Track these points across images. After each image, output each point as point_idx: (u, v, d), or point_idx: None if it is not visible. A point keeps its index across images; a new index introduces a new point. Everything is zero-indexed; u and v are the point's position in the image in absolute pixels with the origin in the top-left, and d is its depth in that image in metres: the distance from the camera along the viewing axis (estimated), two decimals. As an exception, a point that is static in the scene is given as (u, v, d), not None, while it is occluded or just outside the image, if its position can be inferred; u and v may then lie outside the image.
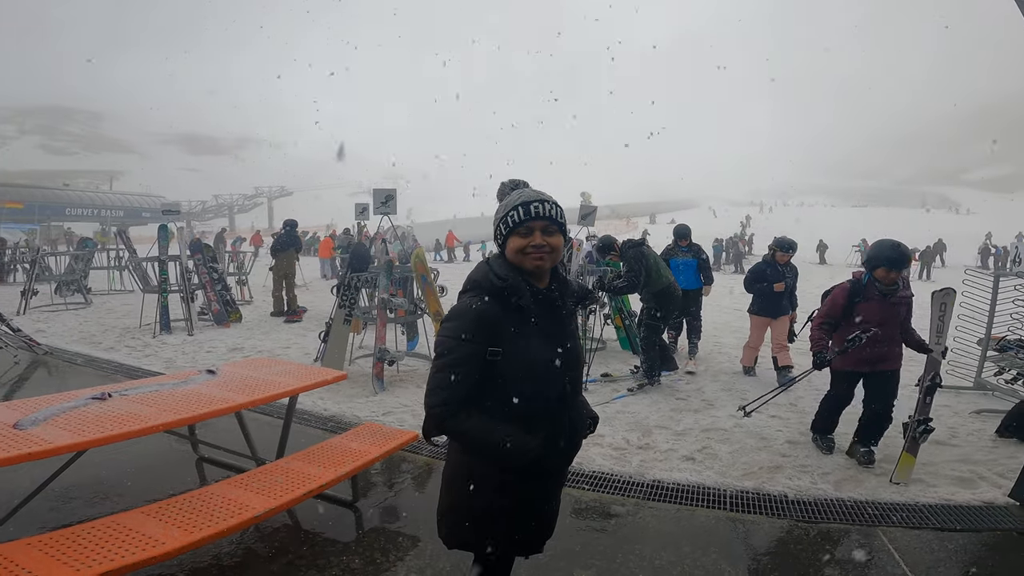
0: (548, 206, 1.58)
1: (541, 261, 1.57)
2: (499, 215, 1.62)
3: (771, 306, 6.13)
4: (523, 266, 1.58)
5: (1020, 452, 3.95)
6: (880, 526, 3.00)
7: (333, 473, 2.73)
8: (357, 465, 2.86)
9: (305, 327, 9.14)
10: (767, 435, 4.43)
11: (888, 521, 3.05)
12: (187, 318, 8.58)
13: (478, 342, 1.50)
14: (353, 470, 2.83)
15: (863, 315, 3.82)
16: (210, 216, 54.68)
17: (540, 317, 1.58)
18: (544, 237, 1.57)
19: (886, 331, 3.80)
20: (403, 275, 6.40)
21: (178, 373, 3.57)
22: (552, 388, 1.61)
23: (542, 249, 1.57)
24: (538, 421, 1.58)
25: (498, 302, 1.54)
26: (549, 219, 1.58)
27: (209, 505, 2.36)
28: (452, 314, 1.57)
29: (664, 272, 5.82)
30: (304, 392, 3.43)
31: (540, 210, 1.57)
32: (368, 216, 9.70)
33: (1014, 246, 5.57)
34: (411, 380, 5.95)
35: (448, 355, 1.52)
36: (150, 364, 6.61)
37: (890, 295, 3.83)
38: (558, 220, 1.60)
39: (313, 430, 4.47)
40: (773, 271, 6.07)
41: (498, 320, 1.52)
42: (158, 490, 3.37)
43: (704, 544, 2.83)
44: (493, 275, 1.56)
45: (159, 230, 9.12)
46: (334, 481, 2.72)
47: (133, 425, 2.51)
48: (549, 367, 1.58)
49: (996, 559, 2.72)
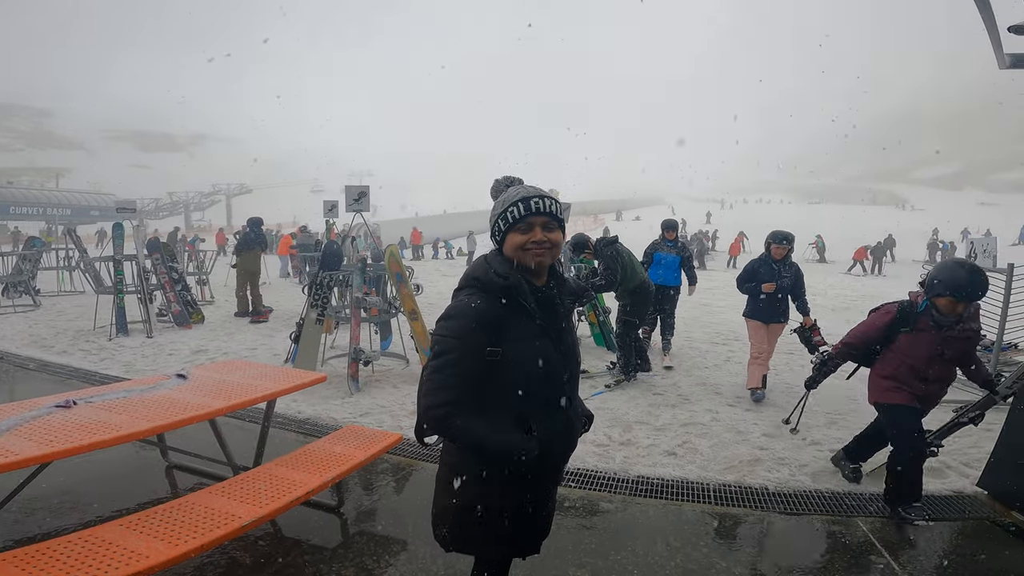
0: (548, 202, 1.57)
1: (542, 257, 1.55)
2: (497, 211, 1.59)
3: (764, 309, 5.31)
4: (523, 262, 1.56)
5: (982, 442, 4.13)
6: (859, 517, 3.10)
7: (319, 479, 2.64)
8: (343, 470, 2.77)
9: (272, 327, 8.89)
10: (743, 429, 4.52)
11: (866, 512, 3.15)
12: (145, 320, 8.24)
13: (478, 341, 1.47)
14: (339, 475, 2.75)
15: (905, 349, 3.15)
16: (164, 214, 52.74)
17: (540, 315, 1.56)
18: (544, 233, 1.55)
19: (937, 371, 3.14)
20: (377, 274, 6.28)
21: (146, 378, 3.39)
22: (551, 387, 1.59)
23: (543, 245, 1.55)
24: (537, 420, 1.56)
25: (498, 300, 1.51)
26: (549, 215, 1.56)
27: (192, 515, 2.25)
28: (451, 312, 1.53)
29: (638, 270, 5.87)
30: (283, 396, 3.31)
31: (540, 206, 1.55)
32: (337, 214, 9.55)
33: (970, 243, 5.83)
34: (387, 380, 5.85)
35: (447, 354, 1.48)
36: (108, 368, 6.33)
37: (947, 327, 3.05)
38: (558, 216, 1.59)
39: (288, 433, 4.35)
40: (767, 269, 5.30)
41: (498, 318, 1.50)
42: (128, 499, 3.24)
43: (693, 538, 2.87)
44: (494, 273, 1.53)
45: (114, 228, 8.73)
46: (321, 487, 2.63)
47: (104, 434, 2.37)
48: (549, 366, 1.56)
49: (972, 548, 2.83)
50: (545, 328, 1.57)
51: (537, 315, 1.55)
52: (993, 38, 3.70)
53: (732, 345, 7.86)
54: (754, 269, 5.36)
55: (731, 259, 26.68)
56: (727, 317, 10.73)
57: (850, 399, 5.32)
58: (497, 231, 1.59)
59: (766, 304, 5.28)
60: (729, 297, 14.42)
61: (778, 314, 5.33)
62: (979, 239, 5.73)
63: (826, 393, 5.44)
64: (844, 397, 5.34)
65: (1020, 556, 2.70)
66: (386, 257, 6.04)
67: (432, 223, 36.79)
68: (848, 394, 5.48)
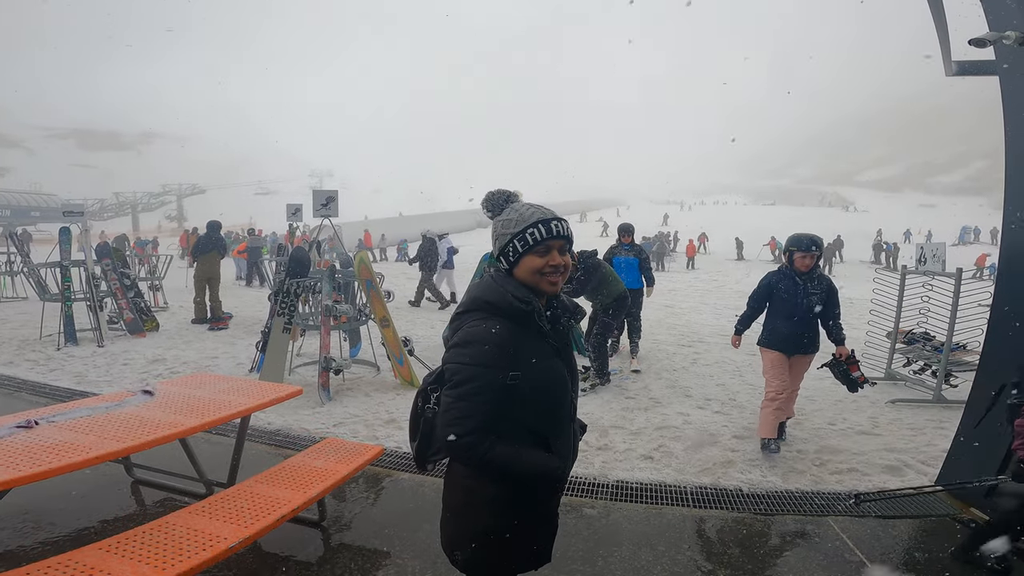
0: (566, 225, 1.57)
1: (557, 283, 1.55)
2: (511, 231, 1.55)
3: (786, 337, 4.07)
4: (539, 286, 1.55)
5: (937, 440, 4.36)
6: (829, 516, 3.22)
7: (303, 496, 2.57)
8: (327, 485, 2.71)
9: (233, 335, 8.62)
10: (714, 431, 4.64)
11: (835, 511, 3.28)
12: (95, 328, 7.87)
13: (499, 367, 1.45)
14: (323, 491, 2.69)
15: None
16: (110, 215, 50.44)
17: (551, 336, 1.57)
18: (561, 257, 1.55)
19: None
20: (346, 280, 6.17)
21: (110, 395, 3.24)
22: (564, 404, 1.61)
23: (559, 270, 1.54)
24: (556, 437, 1.57)
25: (513, 323, 1.50)
26: (566, 239, 1.57)
27: (175, 537, 2.16)
28: (467, 338, 1.49)
29: (618, 283, 6.09)
30: (258, 411, 3.22)
31: (560, 229, 1.55)
32: (300, 217, 9.34)
33: (919, 247, 6.13)
34: (358, 388, 5.75)
35: (469, 383, 1.45)
36: (57, 380, 6.01)
37: None
38: (571, 239, 1.60)
39: (259, 446, 4.23)
40: (788, 285, 4.06)
41: (517, 343, 1.48)
42: (94, 518, 3.11)
43: (677, 541, 2.93)
44: (514, 298, 1.50)
45: (60, 233, 8.30)
46: (305, 504, 2.57)
47: (73, 456, 2.25)
48: (562, 384, 1.58)
49: (936, 543, 2.97)
50: (556, 348, 1.58)
51: (550, 336, 1.56)
52: (944, 46, 3.91)
53: (697, 347, 8.05)
54: (771, 285, 4.15)
55: (689, 260, 27.29)
56: (691, 319, 10.99)
57: (809, 399, 5.52)
58: (512, 252, 1.55)
59: (789, 330, 4.05)
60: (691, 298, 14.80)
61: (805, 343, 4.07)
62: (928, 244, 6.04)
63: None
64: (804, 398, 5.54)
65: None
66: (356, 264, 5.94)
67: (386, 226, 36.30)
68: (807, 394, 5.69)
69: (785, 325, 4.05)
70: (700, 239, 31.45)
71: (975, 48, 3.18)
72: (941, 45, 3.95)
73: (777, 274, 4.19)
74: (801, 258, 4.01)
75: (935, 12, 3.86)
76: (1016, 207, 3.21)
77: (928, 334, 5.98)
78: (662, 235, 33.24)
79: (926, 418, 5.01)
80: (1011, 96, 3.26)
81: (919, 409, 5.28)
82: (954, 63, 3.96)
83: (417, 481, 3.62)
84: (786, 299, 4.05)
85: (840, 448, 4.28)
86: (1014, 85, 3.24)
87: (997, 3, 3.17)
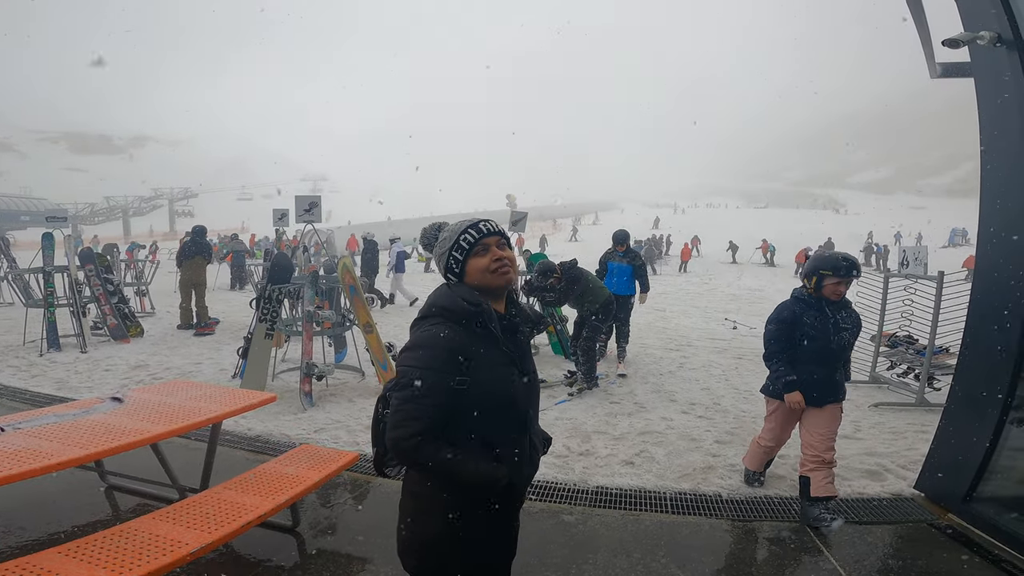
0: (494, 224, 1.61)
1: (508, 274, 1.56)
2: (446, 247, 1.58)
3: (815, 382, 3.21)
4: (495, 283, 1.55)
5: (918, 444, 4.35)
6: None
7: (272, 502, 2.55)
8: (296, 492, 2.69)
9: (219, 340, 8.56)
10: (696, 436, 4.62)
11: (813, 515, 3.26)
12: (78, 334, 7.80)
13: (447, 372, 1.44)
14: (292, 498, 2.66)
15: None
16: (101, 219, 50.14)
17: (505, 343, 1.56)
18: (500, 251, 1.57)
19: None
20: (329, 286, 6.13)
21: (79, 401, 3.20)
22: (516, 413, 1.59)
23: (504, 262, 1.56)
24: (503, 447, 1.55)
25: (465, 329, 1.49)
26: (500, 234, 1.59)
27: (135, 542, 2.14)
28: (417, 342, 1.49)
29: (603, 290, 6.10)
30: (233, 417, 3.18)
31: (490, 227, 1.59)
32: (287, 222, 9.27)
33: (902, 250, 6.15)
34: (342, 394, 5.71)
35: (414, 385, 1.44)
36: (39, 386, 5.96)
37: None
38: (504, 235, 1.62)
39: (238, 452, 4.19)
40: (815, 317, 3.19)
41: (465, 347, 1.47)
42: (64, 523, 3.07)
43: (652, 548, 2.91)
44: (463, 301, 1.50)
45: (43, 238, 8.23)
46: (273, 511, 2.54)
47: (34, 462, 2.23)
48: (514, 392, 1.56)
49: (913, 549, 2.96)
50: (511, 356, 1.56)
51: (503, 342, 1.54)
52: (927, 49, 3.90)
53: (685, 351, 8.05)
54: (795, 317, 3.24)
55: (682, 264, 27.37)
56: (679, 323, 11.01)
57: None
58: (454, 263, 1.57)
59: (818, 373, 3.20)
60: (681, 302, 14.83)
61: (835, 388, 3.26)
62: (911, 247, 6.06)
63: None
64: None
65: (956, 559, 2.84)
66: (339, 269, 5.90)
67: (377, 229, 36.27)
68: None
69: (815, 369, 3.21)
70: (693, 242, 31.50)
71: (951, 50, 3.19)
72: (924, 48, 3.93)
73: (800, 304, 3.26)
74: (835, 285, 3.16)
75: (916, 15, 3.85)
76: (991, 211, 3.21)
77: (911, 337, 5.99)
78: (653, 239, 33.29)
79: (908, 422, 5.01)
80: (985, 97, 3.24)
81: (902, 412, 5.29)
82: (938, 65, 3.94)
83: (395, 488, 3.55)
84: (814, 335, 3.18)
85: (821, 452, 4.26)
86: (988, 86, 3.22)
87: (972, 3, 3.16)
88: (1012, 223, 3.03)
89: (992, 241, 3.19)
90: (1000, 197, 3.13)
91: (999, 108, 3.11)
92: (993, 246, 3.19)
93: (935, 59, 3.96)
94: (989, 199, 3.21)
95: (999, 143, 3.16)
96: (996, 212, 3.16)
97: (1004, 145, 3.11)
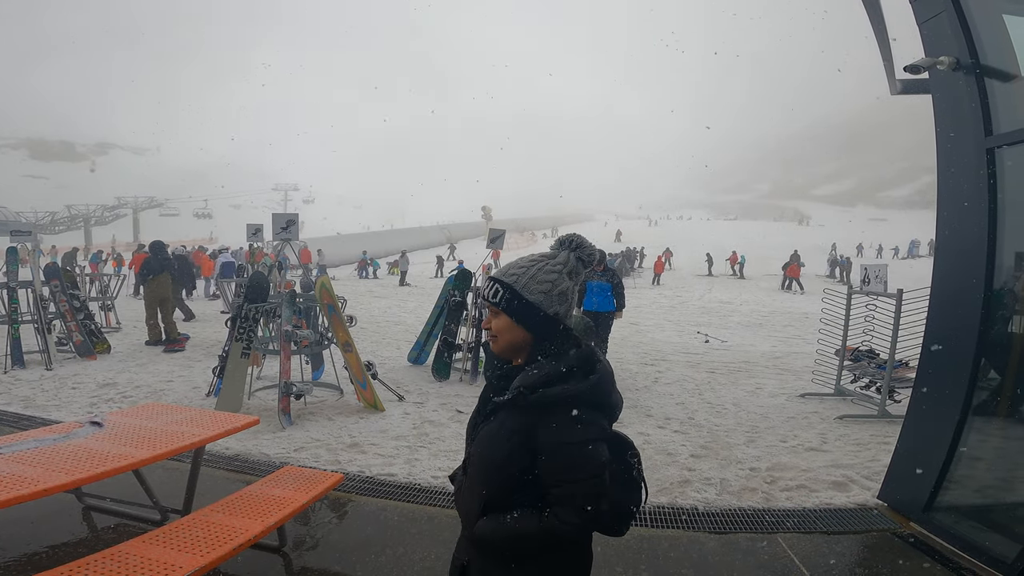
0: (489, 286, 1.46)
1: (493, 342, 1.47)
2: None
3: None
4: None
5: (880, 455, 4.55)
6: (779, 533, 3.33)
7: (261, 524, 2.56)
8: (285, 514, 2.70)
9: (189, 357, 8.41)
10: (672, 450, 4.75)
11: (784, 527, 3.40)
12: (43, 351, 7.59)
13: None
14: (281, 519, 2.68)
15: None
16: (61, 228, 48.59)
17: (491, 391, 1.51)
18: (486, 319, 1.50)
19: None
20: (307, 305, 6.11)
21: (57, 426, 3.16)
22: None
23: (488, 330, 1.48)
24: None
25: None
26: (487, 300, 1.47)
27: (128, 566, 2.14)
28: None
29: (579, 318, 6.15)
30: (222, 440, 3.18)
31: (483, 292, 1.51)
32: (261, 237, 9.21)
33: (863, 268, 6.43)
34: (320, 412, 5.68)
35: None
36: (5, 404, 5.81)
37: None
38: (500, 302, 1.43)
39: (217, 471, 4.14)
40: None
41: None
42: (44, 543, 3.03)
43: (634, 563, 2.99)
44: None
45: (8, 253, 8.01)
46: (263, 533, 2.56)
47: (21, 489, 2.22)
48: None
49: (876, 558, 3.11)
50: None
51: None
52: (888, 66, 4.08)
53: (660, 365, 8.23)
54: None
55: (655, 276, 27.80)
56: (654, 336, 11.23)
57: (763, 416, 5.72)
58: None
59: None
60: (655, 315, 15.10)
61: None
62: (871, 265, 6.33)
63: (743, 416, 5.83)
64: (759, 415, 5.74)
65: (918, 567, 3.00)
66: (317, 288, 5.90)
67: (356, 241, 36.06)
68: (762, 412, 5.90)
69: None
70: (666, 255, 32.07)
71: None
72: (884, 64, 4.06)
73: None
74: None
75: (877, 32, 4.00)
76: (947, 230, 3.41)
77: (873, 351, 6.25)
78: (627, 252, 33.74)
79: (871, 433, 5.23)
80: (943, 119, 3.40)
81: (865, 424, 5.52)
82: (898, 82, 4.08)
83: (379, 506, 3.61)
84: None
85: (790, 465, 4.44)
86: (946, 110, 3.38)
87: (934, 28, 3.32)
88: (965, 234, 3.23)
89: (947, 253, 3.39)
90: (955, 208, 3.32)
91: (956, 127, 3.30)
92: (948, 258, 3.39)
93: (896, 76, 4.13)
94: (946, 211, 3.40)
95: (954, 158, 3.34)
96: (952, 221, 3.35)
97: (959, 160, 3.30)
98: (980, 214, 3.15)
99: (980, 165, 3.15)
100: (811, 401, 6.33)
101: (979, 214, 3.15)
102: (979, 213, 3.15)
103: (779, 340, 11.61)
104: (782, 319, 15.25)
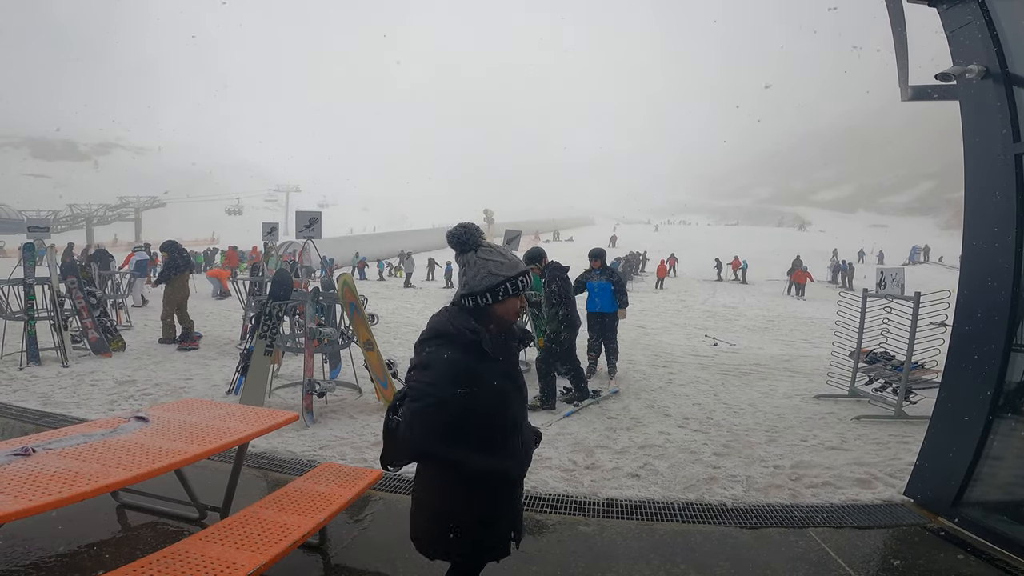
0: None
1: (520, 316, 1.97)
2: (507, 273, 1.86)
3: None
4: (510, 319, 1.90)
5: (901, 454, 4.62)
6: (810, 527, 3.39)
7: (311, 521, 2.60)
8: (333, 510, 2.74)
9: (204, 355, 8.45)
10: (695, 449, 4.80)
11: (814, 522, 3.46)
12: (59, 347, 7.63)
13: (452, 386, 1.72)
14: (330, 515, 2.72)
15: None
16: (64, 227, 48.57)
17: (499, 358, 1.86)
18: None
19: None
20: (328, 303, 6.16)
21: (102, 420, 3.18)
22: (511, 416, 1.91)
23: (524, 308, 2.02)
24: (502, 446, 1.88)
25: (465, 350, 1.77)
26: None
27: (190, 565, 2.17)
28: (425, 363, 1.76)
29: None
30: (258, 437, 3.22)
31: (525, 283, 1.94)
32: (277, 237, 9.26)
33: (879, 271, 6.50)
34: (342, 411, 5.73)
35: (426, 398, 1.71)
36: (23, 400, 5.83)
37: None
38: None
39: (247, 469, 4.15)
40: None
41: (467, 366, 1.75)
42: (83, 542, 3.05)
43: (670, 556, 3.05)
44: (465, 329, 1.79)
45: (25, 249, 8.06)
46: (314, 529, 2.59)
47: (83, 485, 2.22)
48: (508, 400, 1.89)
49: (910, 551, 3.17)
50: (504, 369, 1.88)
51: (497, 359, 1.84)
52: (902, 73, 4.16)
53: (671, 367, 8.29)
54: None
55: (659, 281, 27.87)
56: (662, 339, 11.30)
57: (780, 416, 5.78)
58: (503, 292, 1.85)
59: None
60: (661, 319, 15.17)
61: None
62: (888, 269, 6.40)
63: (760, 416, 5.89)
64: (776, 416, 5.80)
65: (952, 558, 3.06)
66: (340, 287, 5.95)
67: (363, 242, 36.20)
68: (778, 412, 5.96)
69: None
70: (670, 261, 32.15)
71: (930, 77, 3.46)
72: (900, 71, 4.14)
73: None
74: None
75: (897, 39, 4.08)
76: (974, 234, 3.48)
77: (888, 354, 6.32)
78: (632, 256, 33.79)
79: (889, 433, 5.29)
80: (971, 125, 3.48)
81: (882, 425, 5.58)
82: (911, 88, 4.19)
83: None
84: None
85: (814, 463, 4.49)
86: (975, 117, 3.46)
87: (963, 37, 3.40)
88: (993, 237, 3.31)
89: (975, 256, 3.47)
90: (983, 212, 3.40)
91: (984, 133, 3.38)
92: (976, 261, 3.47)
93: (908, 83, 4.22)
94: (973, 219, 3.48)
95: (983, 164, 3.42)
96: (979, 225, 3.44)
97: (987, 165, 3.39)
98: (1008, 218, 3.23)
99: (1008, 170, 3.23)
100: (826, 402, 6.39)
101: (1007, 218, 3.24)
102: (1007, 217, 3.24)
103: (787, 344, 11.68)
104: (788, 323, 15.33)
